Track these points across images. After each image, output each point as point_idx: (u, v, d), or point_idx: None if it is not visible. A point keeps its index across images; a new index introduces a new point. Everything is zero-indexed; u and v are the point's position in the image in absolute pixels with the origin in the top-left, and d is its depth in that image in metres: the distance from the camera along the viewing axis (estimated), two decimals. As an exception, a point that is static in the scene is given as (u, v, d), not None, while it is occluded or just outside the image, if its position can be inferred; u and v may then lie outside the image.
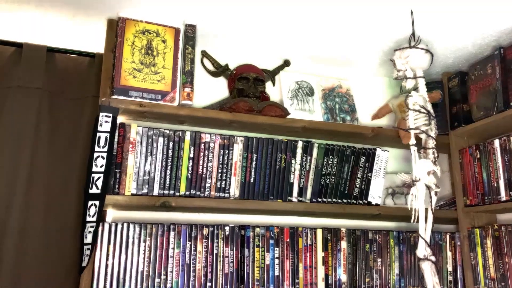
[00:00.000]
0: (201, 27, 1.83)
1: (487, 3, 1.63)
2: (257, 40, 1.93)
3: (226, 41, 1.94)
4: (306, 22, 1.78)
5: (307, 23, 1.79)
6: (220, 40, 1.93)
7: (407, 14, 1.70)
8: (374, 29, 1.82)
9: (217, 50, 1.99)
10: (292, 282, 1.75)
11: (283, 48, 2.00)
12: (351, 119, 2.07)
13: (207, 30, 1.85)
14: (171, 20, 1.79)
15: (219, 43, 1.96)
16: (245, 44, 1.96)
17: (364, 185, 1.92)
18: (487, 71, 1.89)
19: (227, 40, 1.93)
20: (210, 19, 1.78)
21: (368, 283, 1.84)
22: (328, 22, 1.78)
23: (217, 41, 1.95)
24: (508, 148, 1.77)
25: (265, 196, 1.78)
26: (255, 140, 1.80)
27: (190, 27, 1.81)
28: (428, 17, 1.72)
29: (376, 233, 1.90)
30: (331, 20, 1.77)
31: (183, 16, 1.78)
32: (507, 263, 1.75)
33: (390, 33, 1.84)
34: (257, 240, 1.75)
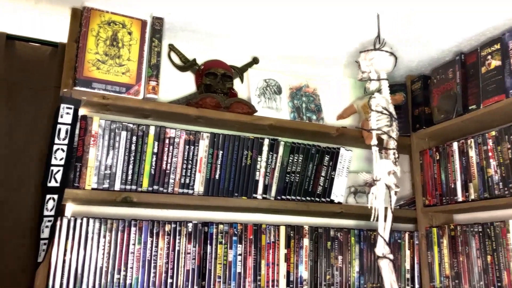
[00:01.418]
0: (169, 21, 1.81)
1: (450, 12, 1.68)
2: (226, 36, 1.92)
3: (195, 35, 1.92)
4: (276, 20, 1.79)
5: (276, 21, 1.80)
6: (188, 34, 1.91)
7: (373, 17, 1.74)
8: (341, 30, 1.84)
9: (185, 45, 1.97)
10: (254, 279, 1.76)
11: (252, 45, 2.00)
12: (317, 118, 2.09)
13: (175, 23, 1.83)
14: (138, 12, 1.76)
15: (187, 38, 1.94)
16: (214, 39, 1.95)
17: (327, 183, 1.95)
18: (449, 75, 1.95)
19: (196, 34, 1.91)
20: (179, 13, 1.76)
21: (329, 280, 1.87)
22: (297, 22, 1.79)
23: (185, 35, 1.92)
24: (465, 150, 1.84)
25: (230, 193, 1.78)
26: (221, 137, 1.79)
27: (158, 19, 1.78)
28: (394, 21, 1.76)
29: (338, 231, 1.93)
30: (300, 20, 1.78)
31: (150, 9, 1.75)
32: (461, 261, 1.82)
33: (356, 35, 1.87)
34: (220, 237, 1.74)
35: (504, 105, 1.67)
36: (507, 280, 1.63)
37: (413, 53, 2.00)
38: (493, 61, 1.75)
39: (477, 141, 1.79)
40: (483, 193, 1.74)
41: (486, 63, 1.78)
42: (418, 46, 1.95)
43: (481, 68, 1.80)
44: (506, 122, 1.78)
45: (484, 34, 1.82)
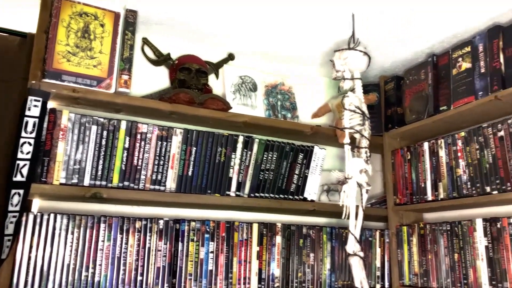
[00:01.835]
0: (143, 13, 1.77)
1: (423, 13, 1.70)
2: (202, 31, 1.90)
3: (169, 29, 1.89)
4: (252, 17, 1.78)
5: (253, 18, 1.79)
6: (163, 28, 1.88)
7: (348, 16, 1.75)
8: (316, 29, 1.85)
9: (159, 38, 1.94)
10: (225, 276, 1.75)
11: (228, 42, 1.99)
12: (291, 116, 2.10)
13: (149, 17, 1.80)
14: (111, 4, 1.72)
15: (162, 31, 1.91)
16: (189, 34, 1.93)
17: (301, 181, 1.95)
18: (421, 76, 1.98)
19: (170, 28, 1.88)
20: (153, 6, 1.72)
21: (300, 277, 1.88)
22: (273, 20, 1.79)
23: (160, 29, 1.89)
24: (436, 150, 1.87)
25: (203, 190, 1.76)
26: (195, 133, 1.77)
27: (131, 12, 1.74)
28: (369, 21, 1.77)
29: (310, 229, 1.94)
30: (276, 18, 1.77)
31: (124, 1, 1.71)
32: (430, 259, 1.85)
33: (331, 34, 1.88)
34: (192, 234, 1.72)
35: (473, 106, 1.71)
36: (473, 277, 1.67)
37: (386, 53, 2.02)
38: (464, 63, 1.79)
39: (447, 141, 1.83)
40: (451, 192, 1.78)
41: (457, 65, 1.81)
42: (392, 47, 1.97)
43: (452, 70, 1.84)
44: (475, 123, 1.82)
45: (456, 37, 1.86)
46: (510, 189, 1.57)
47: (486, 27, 1.74)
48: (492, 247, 1.62)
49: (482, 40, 1.73)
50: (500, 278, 1.58)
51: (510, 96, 1.59)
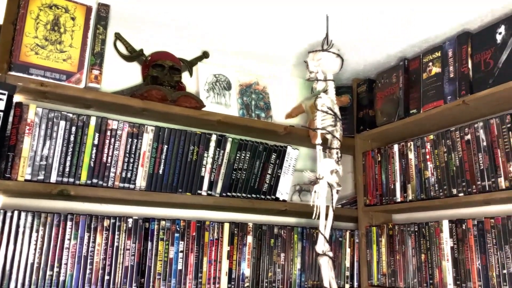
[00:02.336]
0: (116, 8, 1.74)
1: (396, 19, 1.73)
2: (176, 27, 1.88)
3: (143, 25, 1.86)
4: (227, 16, 1.77)
5: (228, 17, 1.78)
6: (136, 23, 1.85)
7: (323, 18, 1.76)
8: (291, 30, 1.85)
9: (132, 34, 1.91)
10: (195, 276, 1.73)
11: (203, 39, 1.97)
12: (265, 116, 2.10)
13: (122, 11, 1.76)
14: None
15: (135, 27, 1.88)
16: (163, 30, 1.90)
17: (273, 181, 1.95)
18: (392, 80, 2.01)
19: (144, 24, 1.86)
20: (127, 0, 1.69)
21: (271, 277, 1.88)
22: (249, 19, 1.78)
23: (133, 25, 1.86)
24: (405, 153, 1.91)
25: (174, 188, 1.74)
26: (166, 131, 1.75)
27: (104, 6, 1.71)
28: (343, 23, 1.79)
29: (281, 229, 1.95)
30: (251, 17, 1.77)
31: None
32: (398, 259, 1.89)
33: (306, 35, 1.89)
34: (161, 233, 1.70)
35: (442, 110, 1.75)
36: (438, 277, 1.71)
37: (360, 56, 2.05)
38: (434, 68, 1.83)
39: (416, 144, 1.87)
40: (420, 194, 1.81)
41: (427, 70, 1.85)
42: (365, 50, 2.00)
43: (422, 74, 1.87)
44: (443, 127, 1.87)
45: (427, 42, 1.89)
46: (475, 191, 1.61)
47: (456, 33, 1.79)
48: (457, 248, 1.66)
49: (451, 46, 1.78)
50: (464, 278, 1.62)
51: (477, 101, 1.64)
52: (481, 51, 1.66)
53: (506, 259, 1.50)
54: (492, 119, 1.59)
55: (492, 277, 1.53)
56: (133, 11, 1.76)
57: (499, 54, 1.59)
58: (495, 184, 1.55)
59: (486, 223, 1.58)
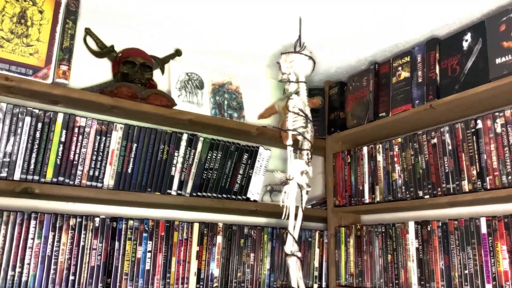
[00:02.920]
0: (86, 2, 1.70)
1: (367, 23, 1.76)
2: (149, 24, 1.85)
3: (114, 21, 1.83)
4: (202, 14, 1.76)
5: (202, 15, 1.76)
6: (108, 19, 1.82)
7: (296, 20, 1.77)
8: (265, 31, 1.86)
9: (103, 30, 1.87)
10: (163, 276, 1.72)
11: (175, 37, 1.95)
12: (238, 116, 2.10)
13: (93, 6, 1.73)
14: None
15: (106, 22, 1.84)
16: (135, 27, 1.87)
17: (244, 181, 1.96)
18: (363, 83, 2.05)
19: (115, 20, 1.82)
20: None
21: (239, 277, 1.88)
22: (223, 18, 1.78)
23: (104, 20, 1.83)
24: (374, 155, 1.94)
25: (143, 188, 1.72)
26: (136, 129, 1.73)
27: (74, 0, 1.67)
28: (315, 26, 1.80)
29: (251, 229, 1.95)
30: (226, 16, 1.76)
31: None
32: (365, 260, 1.92)
33: (280, 36, 1.90)
34: (129, 233, 1.68)
35: (410, 114, 1.79)
36: (404, 277, 1.75)
37: (332, 59, 2.07)
38: (403, 72, 1.87)
39: (384, 146, 1.90)
40: (387, 195, 1.85)
41: (397, 74, 1.89)
42: (337, 53, 2.02)
43: (392, 78, 1.91)
44: (411, 130, 1.91)
45: (397, 46, 1.93)
46: (440, 194, 1.65)
47: (425, 39, 1.83)
48: (422, 248, 1.70)
49: (420, 51, 1.82)
50: (428, 278, 1.66)
51: (444, 106, 1.68)
52: (448, 57, 1.71)
53: (468, 259, 1.55)
54: (458, 124, 1.64)
55: (454, 277, 1.58)
56: (105, 6, 1.73)
57: (465, 60, 1.64)
58: (459, 187, 1.60)
59: (450, 224, 1.63)
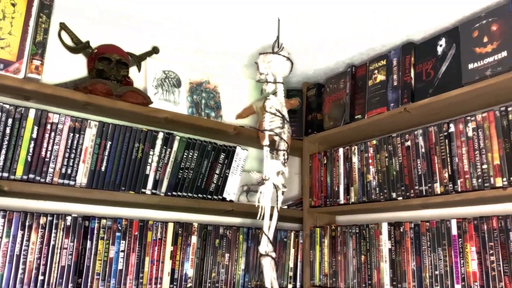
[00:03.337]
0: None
1: (345, 27, 1.77)
2: (126, 20, 1.83)
3: (90, 16, 1.80)
4: (179, 11, 1.74)
5: (180, 12, 1.75)
6: (84, 14, 1.78)
7: (275, 21, 1.77)
8: (244, 30, 1.85)
9: (78, 25, 1.83)
10: (136, 276, 1.69)
11: (153, 34, 1.93)
12: (215, 115, 2.09)
13: (68, 0, 1.69)
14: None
15: (82, 18, 1.81)
16: (112, 23, 1.85)
17: (221, 181, 1.95)
18: (340, 85, 2.06)
19: (92, 15, 1.79)
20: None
21: (214, 278, 1.87)
22: (201, 17, 1.76)
23: (80, 15, 1.79)
24: (349, 156, 1.96)
25: (117, 186, 1.69)
26: (111, 127, 1.70)
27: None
28: (294, 28, 1.81)
29: (227, 229, 1.95)
30: (204, 15, 1.75)
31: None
32: (339, 260, 1.93)
33: (258, 36, 1.90)
34: (102, 232, 1.65)
35: (385, 117, 1.81)
36: (377, 278, 1.77)
37: (310, 61, 2.09)
38: (379, 75, 1.89)
39: (360, 148, 1.92)
40: (362, 197, 1.87)
41: (373, 77, 1.92)
42: (315, 55, 2.03)
43: (368, 81, 1.93)
44: (386, 132, 1.94)
45: (374, 50, 1.96)
46: (413, 196, 1.68)
47: (401, 43, 1.86)
48: (395, 249, 1.73)
49: (396, 55, 1.84)
50: (401, 279, 1.69)
51: (418, 109, 1.71)
52: (423, 62, 1.74)
53: (439, 260, 1.58)
54: (431, 127, 1.67)
55: (425, 277, 1.61)
56: (81, 1, 1.69)
57: (439, 65, 1.67)
58: (431, 189, 1.63)
59: (422, 226, 1.65)
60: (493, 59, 1.48)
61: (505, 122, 1.44)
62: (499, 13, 1.50)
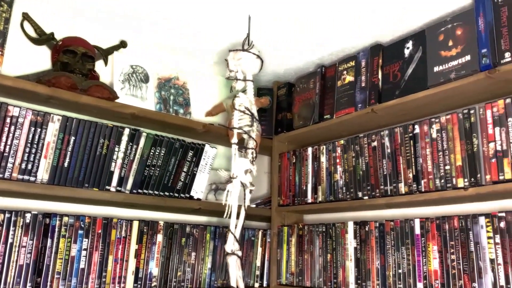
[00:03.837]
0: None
1: (316, 27, 1.78)
2: (93, 13, 1.78)
3: (55, 7, 1.74)
4: (149, 5, 1.71)
5: (149, 6, 1.71)
6: (48, 4, 1.72)
7: (245, 18, 1.76)
8: (215, 27, 1.83)
9: (42, 16, 1.77)
10: (99, 275, 1.65)
11: (121, 28, 1.88)
12: (184, 112, 2.06)
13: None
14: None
15: (46, 8, 1.75)
16: (78, 14, 1.79)
17: (188, 179, 1.92)
18: (310, 85, 2.07)
19: (57, 6, 1.73)
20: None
21: (180, 277, 1.85)
22: (171, 11, 1.73)
23: (44, 5, 1.73)
24: (318, 156, 1.98)
25: (80, 183, 1.64)
26: (75, 121, 1.65)
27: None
28: (265, 26, 1.81)
29: (194, 228, 1.92)
30: (174, 10, 1.72)
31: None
32: (306, 259, 1.94)
33: (229, 34, 1.88)
34: (63, 230, 1.60)
35: (353, 117, 1.83)
36: (342, 276, 1.79)
37: (281, 60, 2.09)
38: (348, 76, 1.91)
39: (328, 148, 1.94)
40: (329, 196, 1.89)
41: (342, 78, 1.93)
42: (287, 55, 2.03)
43: (337, 82, 1.95)
44: (353, 133, 1.96)
45: (344, 51, 1.97)
46: (378, 195, 1.71)
47: (370, 45, 1.88)
48: (360, 248, 1.75)
49: (365, 56, 1.87)
50: (365, 278, 1.71)
51: (384, 110, 1.73)
52: (390, 63, 1.77)
53: (402, 259, 1.61)
54: (397, 128, 1.70)
55: (389, 276, 1.63)
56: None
57: (406, 67, 1.70)
58: (396, 189, 1.65)
59: (386, 225, 1.68)
60: (457, 62, 1.52)
61: (468, 124, 1.48)
62: (464, 17, 1.54)
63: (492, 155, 1.40)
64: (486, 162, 1.41)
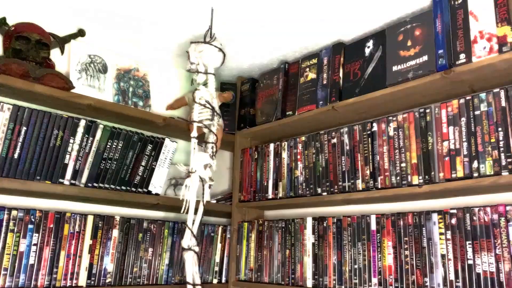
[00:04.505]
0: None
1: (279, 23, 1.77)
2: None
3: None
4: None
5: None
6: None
7: (208, 10, 1.73)
8: (176, 18, 1.80)
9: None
10: (49, 271, 1.59)
11: (79, 15, 1.82)
12: (143, 105, 2.01)
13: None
14: None
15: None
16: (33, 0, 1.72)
17: (147, 173, 1.88)
18: (273, 81, 2.07)
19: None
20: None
21: (136, 273, 1.81)
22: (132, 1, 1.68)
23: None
24: (279, 152, 1.98)
25: (31, 175, 1.57)
26: (27, 111, 1.58)
27: (-44, -39, 1.48)
28: (228, 20, 1.78)
29: (151, 223, 1.88)
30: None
31: None
32: (265, 255, 1.94)
33: (191, 25, 1.85)
34: (12, 224, 1.53)
35: (314, 114, 1.84)
36: (299, 272, 1.80)
37: (244, 55, 2.07)
38: (310, 73, 1.92)
39: (289, 144, 1.94)
40: (289, 192, 1.89)
41: (305, 75, 1.94)
42: (251, 50, 2.02)
43: (300, 79, 1.95)
44: (315, 129, 1.97)
45: (307, 48, 1.98)
46: (336, 191, 1.72)
47: (332, 43, 1.89)
48: (318, 244, 1.76)
49: (327, 54, 1.88)
50: (322, 273, 1.72)
51: (345, 108, 1.75)
52: (351, 62, 1.78)
53: (358, 255, 1.63)
54: (356, 126, 1.72)
55: (345, 271, 1.65)
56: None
57: (366, 66, 1.72)
58: (353, 185, 1.68)
59: (343, 221, 1.70)
60: (415, 62, 1.55)
61: (423, 123, 1.52)
62: (422, 18, 1.57)
63: (446, 154, 1.44)
64: (440, 160, 1.45)
